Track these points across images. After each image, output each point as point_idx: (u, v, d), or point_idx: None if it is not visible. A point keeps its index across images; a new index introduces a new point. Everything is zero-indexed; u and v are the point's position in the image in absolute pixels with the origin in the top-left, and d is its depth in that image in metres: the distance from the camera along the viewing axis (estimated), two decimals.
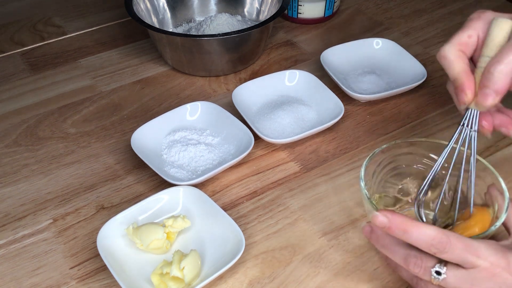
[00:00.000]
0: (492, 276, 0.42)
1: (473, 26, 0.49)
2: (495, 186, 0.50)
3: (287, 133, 0.67)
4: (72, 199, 0.62)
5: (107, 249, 0.53)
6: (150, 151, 0.64)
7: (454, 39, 0.49)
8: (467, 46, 0.49)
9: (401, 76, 0.75)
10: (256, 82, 0.73)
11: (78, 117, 0.73)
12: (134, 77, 0.80)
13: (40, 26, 0.92)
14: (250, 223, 0.58)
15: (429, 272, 0.44)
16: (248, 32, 0.74)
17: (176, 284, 0.50)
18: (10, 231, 0.58)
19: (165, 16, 0.86)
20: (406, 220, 0.44)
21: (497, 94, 0.46)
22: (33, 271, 0.54)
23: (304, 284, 0.52)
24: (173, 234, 0.55)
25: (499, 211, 0.48)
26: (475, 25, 0.49)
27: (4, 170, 0.65)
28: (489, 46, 0.47)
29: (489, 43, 0.47)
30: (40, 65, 0.83)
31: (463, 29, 0.50)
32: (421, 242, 0.43)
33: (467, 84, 0.48)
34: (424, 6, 0.95)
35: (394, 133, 0.69)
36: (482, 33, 0.49)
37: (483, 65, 0.47)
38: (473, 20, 0.49)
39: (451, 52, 0.49)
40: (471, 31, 0.49)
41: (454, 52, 0.49)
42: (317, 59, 0.78)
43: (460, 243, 0.42)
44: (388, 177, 0.56)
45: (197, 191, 0.58)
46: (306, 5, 0.88)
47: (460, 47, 0.49)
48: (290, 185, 0.62)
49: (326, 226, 0.57)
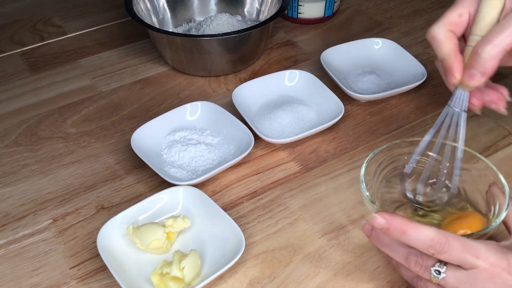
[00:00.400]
0: (492, 277, 0.42)
1: (464, 4, 0.48)
2: (496, 185, 0.50)
3: (287, 133, 0.67)
4: (72, 199, 0.62)
5: (107, 249, 0.53)
6: (150, 151, 0.64)
7: (444, 18, 0.48)
8: (457, 25, 0.48)
9: (401, 76, 0.75)
10: (256, 82, 0.73)
11: (78, 117, 0.73)
12: (134, 77, 0.80)
13: (40, 26, 0.92)
14: (250, 223, 0.58)
15: (429, 271, 0.44)
16: (248, 32, 0.74)
17: (176, 284, 0.50)
18: (10, 231, 0.58)
19: (165, 16, 0.86)
20: (404, 222, 0.44)
21: (483, 76, 0.46)
22: (33, 271, 0.54)
23: (304, 284, 0.52)
24: (173, 234, 0.55)
25: (499, 209, 0.48)
26: (466, 2, 0.48)
27: (4, 170, 0.65)
28: (479, 24, 0.46)
29: (479, 21, 0.46)
30: (40, 65, 0.83)
31: (453, 7, 0.48)
32: (419, 243, 0.43)
33: (455, 65, 0.48)
34: (424, 6, 0.95)
35: (394, 133, 0.69)
36: (473, 10, 0.48)
37: (472, 44, 0.47)
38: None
39: (440, 32, 0.48)
40: (462, 9, 0.48)
41: (443, 32, 0.48)
42: (317, 59, 0.78)
43: (459, 244, 0.42)
44: (388, 177, 0.56)
45: (197, 191, 0.58)
46: (306, 5, 0.88)
47: (450, 27, 0.48)
48: (290, 185, 0.62)
49: (326, 226, 0.57)
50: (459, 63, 0.48)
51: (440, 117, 0.51)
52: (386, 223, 0.44)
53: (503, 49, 0.45)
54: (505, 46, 0.45)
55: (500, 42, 0.44)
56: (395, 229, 0.44)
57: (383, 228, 0.44)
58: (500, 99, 0.51)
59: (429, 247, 0.43)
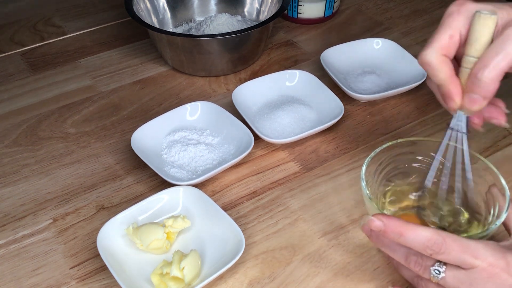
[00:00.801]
0: (491, 277, 0.42)
1: (453, 25, 0.46)
2: (496, 186, 0.50)
3: (287, 133, 0.67)
4: (72, 199, 0.62)
5: (107, 249, 0.53)
6: (150, 151, 0.64)
7: (435, 42, 0.46)
8: (449, 48, 0.47)
9: (401, 76, 0.75)
10: (256, 82, 0.73)
11: (78, 117, 0.73)
12: (134, 77, 0.80)
13: (40, 26, 0.92)
14: (250, 223, 0.58)
15: (428, 270, 0.44)
16: (248, 32, 0.74)
17: (176, 284, 0.50)
18: (10, 231, 0.58)
19: (165, 16, 0.86)
20: (401, 223, 0.44)
21: (484, 99, 0.45)
22: (33, 271, 0.54)
23: (304, 284, 0.52)
24: (173, 234, 0.55)
25: (499, 210, 0.48)
26: (455, 23, 0.46)
27: (4, 170, 0.65)
28: (474, 45, 0.45)
29: (474, 43, 0.45)
30: (40, 65, 0.83)
31: (443, 29, 0.47)
32: (416, 244, 0.43)
33: (454, 91, 0.46)
34: (424, 6, 0.95)
35: (394, 133, 0.69)
36: (464, 30, 0.46)
37: (468, 66, 0.46)
38: (453, 16, 0.46)
39: (434, 57, 0.46)
40: (451, 30, 0.46)
41: (437, 57, 0.46)
42: (317, 59, 0.78)
43: (456, 244, 0.42)
44: (389, 177, 0.56)
45: (197, 191, 0.58)
46: (306, 5, 0.88)
47: (442, 51, 0.46)
48: (290, 185, 0.62)
49: (326, 226, 0.57)
50: (457, 88, 0.46)
51: (443, 141, 0.50)
52: (383, 226, 0.44)
53: (502, 71, 0.44)
54: (503, 68, 0.44)
55: (498, 64, 0.43)
56: (392, 231, 0.44)
57: (380, 231, 0.45)
58: (500, 114, 0.50)
59: (427, 247, 0.43)
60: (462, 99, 0.47)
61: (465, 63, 0.46)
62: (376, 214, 0.45)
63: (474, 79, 0.45)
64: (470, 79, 0.45)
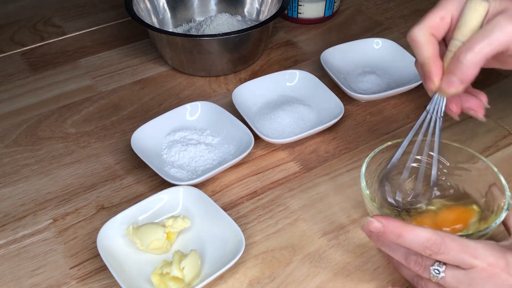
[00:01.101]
0: (490, 277, 0.42)
1: (447, 7, 0.47)
2: (496, 185, 0.50)
3: (287, 133, 0.67)
4: (72, 199, 0.62)
5: (107, 249, 0.53)
6: (150, 151, 0.64)
7: (426, 20, 0.47)
8: (439, 29, 0.47)
9: (401, 76, 0.75)
10: (256, 82, 0.73)
11: (78, 117, 0.73)
12: (134, 77, 0.80)
13: (40, 26, 0.92)
14: (250, 223, 0.58)
15: (428, 270, 0.44)
16: (248, 32, 0.74)
17: (176, 284, 0.50)
18: (10, 231, 0.58)
19: (165, 16, 0.86)
20: (400, 224, 0.44)
21: (462, 83, 0.45)
22: (33, 271, 0.54)
23: (304, 284, 0.52)
24: (173, 234, 0.55)
25: (499, 209, 0.48)
26: (449, 5, 0.47)
27: (4, 170, 0.65)
28: (461, 29, 0.45)
29: (462, 26, 0.45)
30: (40, 65, 0.83)
31: (436, 9, 0.47)
32: (415, 245, 0.43)
33: (435, 71, 0.47)
34: (424, 6, 0.95)
35: (394, 133, 0.69)
36: (456, 13, 0.46)
37: (453, 49, 0.46)
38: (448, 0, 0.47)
39: (421, 35, 0.47)
40: (445, 12, 0.47)
41: (424, 35, 0.47)
42: (317, 59, 0.78)
43: (455, 244, 0.42)
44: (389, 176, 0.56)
45: (197, 191, 0.58)
46: (306, 5, 0.88)
47: (431, 30, 0.47)
48: (290, 185, 0.62)
49: (326, 226, 0.57)
50: (439, 69, 0.47)
51: (417, 122, 0.50)
52: (382, 227, 0.44)
53: (485, 56, 0.44)
54: (486, 54, 0.44)
55: (482, 49, 0.43)
56: (391, 232, 0.44)
57: (379, 232, 0.45)
58: (479, 106, 0.49)
59: (426, 248, 0.43)
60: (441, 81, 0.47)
61: (451, 46, 0.46)
62: (375, 215, 0.45)
63: (456, 61, 0.45)
64: (452, 61, 0.45)
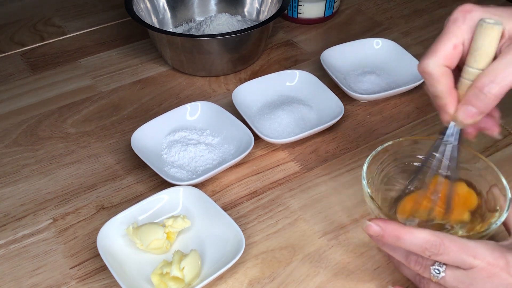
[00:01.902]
0: (490, 276, 0.42)
1: (457, 33, 0.43)
2: (496, 186, 0.50)
3: (287, 133, 0.67)
4: (72, 199, 0.62)
5: (107, 249, 0.53)
6: (150, 151, 0.64)
7: (439, 52, 0.44)
8: (452, 59, 0.44)
9: (401, 76, 0.75)
10: (256, 82, 0.73)
11: (78, 117, 0.73)
12: (134, 77, 0.80)
13: (40, 26, 0.92)
14: (250, 223, 0.58)
15: (428, 270, 0.44)
16: (248, 32, 0.74)
17: (176, 284, 0.50)
18: (10, 231, 0.58)
19: (165, 16, 0.86)
20: (398, 227, 0.44)
21: (481, 114, 0.43)
22: (33, 271, 0.54)
23: (304, 284, 0.52)
24: (173, 234, 0.55)
25: (500, 210, 0.48)
26: (459, 31, 0.43)
27: (4, 170, 0.65)
28: (475, 56, 0.42)
29: (476, 54, 0.42)
30: (40, 65, 0.83)
31: (446, 37, 0.44)
32: (414, 247, 0.44)
33: (450, 103, 0.44)
34: (424, 6, 0.95)
35: (394, 133, 0.69)
36: (468, 39, 0.43)
37: (467, 77, 0.43)
38: (457, 24, 0.43)
39: (436, 68, 0.44)
40: (456, 39, 0.43)
41: (438, 68, 0.44)
42: (317, 59, 0.78)
43: (455, 245, 0.43)
44: (390, 176, 0.56)
45: (197, 191, 0.58)
46: (306, 5, 0.88)
47: (445, 62, 0.44)
48: (290, 185, 0.62)
49: (326, 226, 0.57)
50: (454, 102, 0.44)
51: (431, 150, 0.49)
52: (380, 231, 0.45)
53: (509, 87, 0.41)
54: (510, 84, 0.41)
55: (506, 79, 0.41)
56: (389, 235, 0.44)
57: (378, 236, 0.45)
58: (494, 125, 0.48)
59: (425, 249, 0.43)
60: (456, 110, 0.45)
61: (465, 73, 0.44)
62: (373, 219, 0.45)
63: (479, 93, 0.42)
64: (472, 92, 0.43)
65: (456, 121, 0.45)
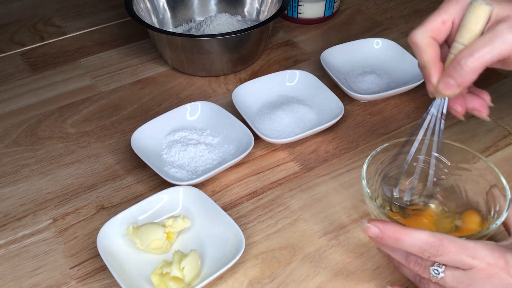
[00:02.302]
0: (490, 277, 0.42)
1: (448, 10, 0.47)
2: (496, 186, 0.50)
3: (287, 133, 0.67)
4: (72, 199, 0.62)
5: (107, 249, 0.53)
6: (150, 151, 0.64)
7: (427, 24, 0.47)
8: (440, 32, 0.47)
9: (401, 76, 0.75)
10: (256, 82, 0.73)
11: (78, 117, 0.73)
12: (134, 77, 0.80)
13: (40, 26, 0.92)
14: (250, 223, 0.58)
15: (428, 270, 0.44)
16: (248, 32, 0.74)
17: (176, 284, 0.50)
18: (10, 231, 0.58)
19: (165, 16, 0.86)
20: (397, 229, 0.44)
21: (459, 86, 0.45)
22: (33, 271, 0.54)
23: (304, 284, 0.52)
24: (173, 234, 0.55)
25: (500, 210, 0.48)
26: (451, 9, 0.47)
27: (4, 170, 0.65)
28: (463, 33, 0.45)
29: (463, 30, 0.45)
30: (40, 65, 0.83)
31: (438, 12, 0.47)
32: (414, 248, 0.44)
33: (434, 74, 0.47)
34: (424, 6, 0.95)
35: (394, 133, 0.69)
36: (458, 18, 0.47)
37: (454, 52, 0.46)
38: (451, 3, 0.47)
39: (422, 38, 0.47)
40: (446, 15, 0.47)
41: (425, 38, 0.47)
42: (317, 59, 0.78)
43: (454, 246, 0.43)
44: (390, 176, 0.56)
45: (197, 191, 0.58)
46: (306, 5, 0.88)
47: (432, 34, 0.47)
48: (290, 185, 0.62)
49: (326, 226, 0.57)
50: (438, 72, 0.47)
51: (419, 123, 0.50)
52: (380, 232, 0.45)
53: (485, 63, 0.44)
54: (487, 61, 0.44)
55: (483, 56, 0.44)
56: (389, 237, 0.44)
57: (377, 237, 0.45)
58: (483, 106, 0.50)
59: (424, 251, 0.43)
60: None
61: (452, 48, 0.46)
62: (372, 220, 0.45)
63: (456, 64, 0.45)
64: (451, 64, 0.46)
65: (437, 92, 0.47)
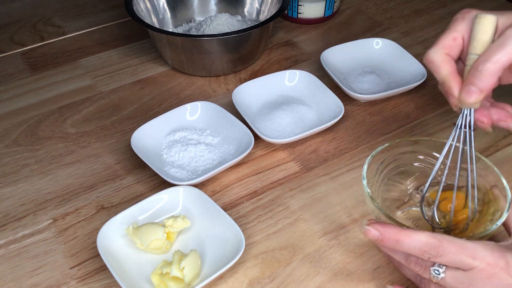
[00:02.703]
0: (490, 277, 0.42)
1: (457, 28, 0.49)
2: (497, 186, 0.50)
3: (287, 133, 0.67)
4: (72, 199, 0.62)
5: (107, 249, 0.53)
6: (150, 151, 0.64)
7: (439, 42, 0.50)
8: (452, 48, 0.49)
9: (401, 76, 0.75)
10: (256, 82, 0.73)
11: (78, 117, 0.73)
12: (134, 77, 0.80)
13: (40, 26, 0.92)
14: (250, 223, 0.58)
15: (428, 270, 0.45)
16: (248, 32, 0.74)
17: (176, 284, 0.50)
18: (10, 231, 0.58)
19: (165, 16, 0.86)
20: (397, 231, 0.44)
21: (481, 92, 0.46)
22: (33, 271, 0.54)
23: (304, 284, 0.52)
24: (173, 234, 0.55)
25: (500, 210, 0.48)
26: (459, 27, 0.49)
27: (4, 170, 0.65)
28: (474, 44, 0.48)
29: (474, 42, 0.48)
30: (40, 65, 0.83)
31: (447, 32, 0.50)
32: (413, 250, 0.44)
33: (454, 86, 0.48)
34: (424, 6, 0.95)
35: (394, 133, 0.69)
36: (466, 33, 0.49)
37: (470, 63, 0.48)
38: (457, 21, 0.50)
39: (437, 55, 0.49)
40: (455, 33, 0.49)
41: (440, 55, 0.49)
42: (317, 59, 0.78)
43: (454, 246, 0.43)
44: (390, 176, 0.56)
45: (197, 191, 0.58)
46: (306, 5, 0.88)
47: (445, 50, 0.49)
48: (290, 185, 0.62)
49: (326, 226, 0.57)
50: (458, 84, 0.48)
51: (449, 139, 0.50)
52: (379, 235, 0.45)
53: (502, 65, 0.45)
54: (504, 63, 0.45)
55: (499, 59, 0.45)
56: (388, 239, 0.45)
57: (377, 240, 0.45)
58: (508, 117, 0.51)
59: (424, 252, 0.43)
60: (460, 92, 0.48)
61: (468, 61, 0.48)
62: (371, 223, 0.46)
63: (475, 71, 0.46)
64: (470, 72, 0.47)
65: (461, 102, 0.48)
